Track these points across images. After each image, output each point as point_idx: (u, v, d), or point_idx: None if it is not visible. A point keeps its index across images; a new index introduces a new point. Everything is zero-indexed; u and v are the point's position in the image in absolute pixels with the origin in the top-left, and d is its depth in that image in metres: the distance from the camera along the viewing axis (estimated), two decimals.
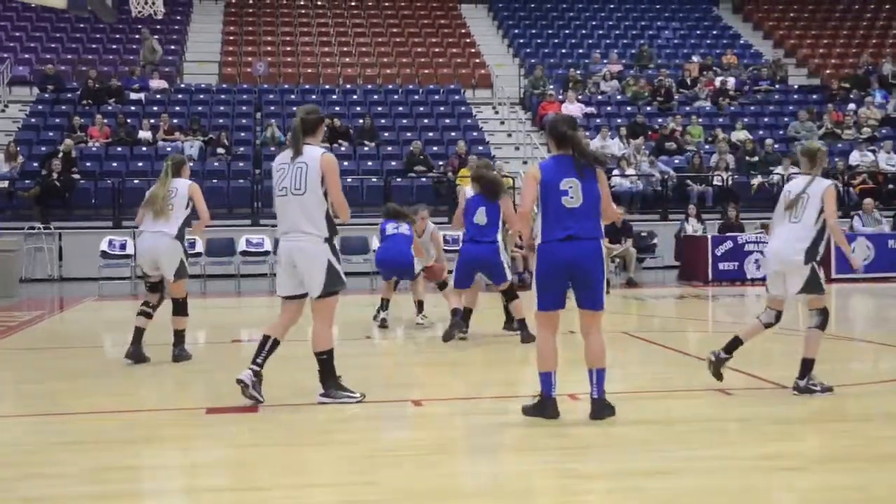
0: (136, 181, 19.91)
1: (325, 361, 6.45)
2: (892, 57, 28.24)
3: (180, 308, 8.64)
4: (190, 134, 21.80)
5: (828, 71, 28.19)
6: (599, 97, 25.43)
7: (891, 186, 21.55)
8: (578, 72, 26.24)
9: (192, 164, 20.54)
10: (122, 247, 17.74)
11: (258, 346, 6.50)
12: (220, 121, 23.07)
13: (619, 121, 23.94)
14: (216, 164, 21.03)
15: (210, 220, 8.58)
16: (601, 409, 5.89)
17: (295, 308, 6.55)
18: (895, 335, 10.38)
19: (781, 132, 23.93)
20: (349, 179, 20.02)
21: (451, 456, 5.33)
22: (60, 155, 19.47)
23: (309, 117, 6.43)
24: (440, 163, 21.12)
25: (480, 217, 9.37)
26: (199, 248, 17.64)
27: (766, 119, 24.93)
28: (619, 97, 25.55)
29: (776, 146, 22.50)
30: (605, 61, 27.20)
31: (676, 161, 21.94)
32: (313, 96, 24.72)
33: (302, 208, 6.27)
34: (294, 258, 6.34)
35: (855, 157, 22.18)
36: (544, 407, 5.90)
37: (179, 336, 8.67)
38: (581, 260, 5.82)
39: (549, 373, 5.91)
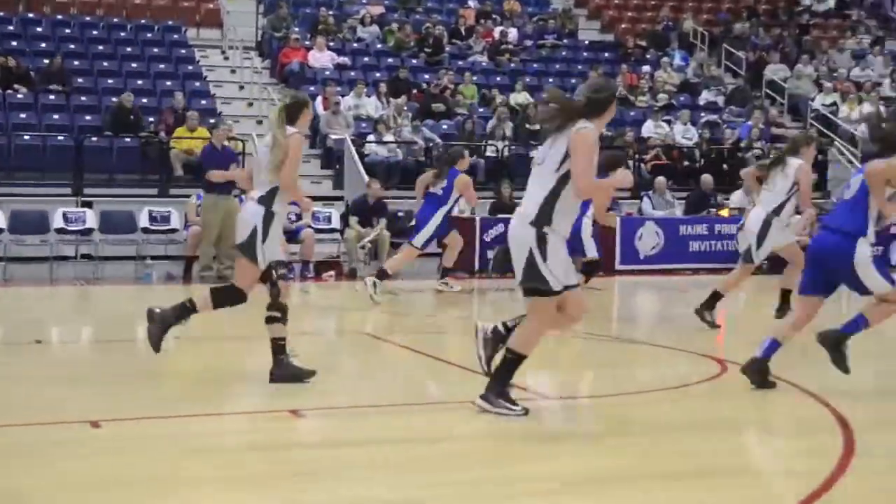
0: None
1: (509, 361, 6.66)
2: (693, 12, 30.05)
3: (270, 308, 7.63)
4: None
5: (623, 25, 29.61)
6: (355, 45, 25.59)
7: (687, 164, 22.65)
8: (331, 13, 26.31)
9: None
10: None
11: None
12: None
13: (377, 75, 24.21)
14: None
15: (294, 188, 7.77)
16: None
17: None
18: (681, 337, 10.92)
19: (569, 95, 24.86)
20: (27, 137, 19.28)
21: (130, 487, 5.24)
22: None
23: (596, 95, 6.65)
24: (150, 119, 20.52)
25: None
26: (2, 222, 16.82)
27: (551, 79, 25.70)
28: (378, 46, 25.82)
29: None
30: (363, 2, 27.42)
31: (444, 127, 22.39)
32: None
33: (533, 180, 6.65)
34: (509, 238, 6.77)
35: (648, 129, 23.13)
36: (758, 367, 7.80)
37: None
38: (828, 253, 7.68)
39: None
